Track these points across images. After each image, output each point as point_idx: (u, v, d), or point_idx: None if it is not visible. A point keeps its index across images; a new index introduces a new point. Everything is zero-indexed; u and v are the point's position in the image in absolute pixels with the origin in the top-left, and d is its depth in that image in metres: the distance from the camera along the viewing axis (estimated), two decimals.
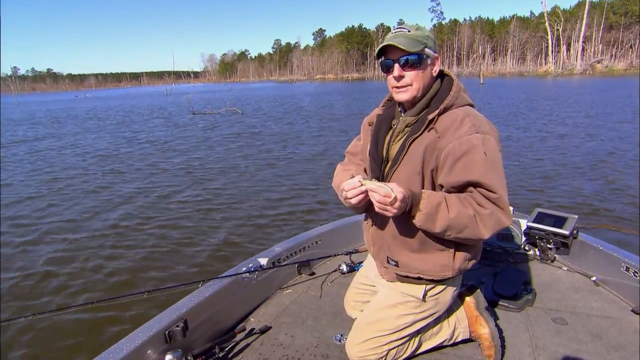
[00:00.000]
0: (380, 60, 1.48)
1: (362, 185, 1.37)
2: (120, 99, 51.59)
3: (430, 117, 1.41)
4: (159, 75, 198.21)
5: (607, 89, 29.08)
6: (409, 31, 1.41)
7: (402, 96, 1.47)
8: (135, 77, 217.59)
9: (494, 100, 22.16)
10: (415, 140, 1.43)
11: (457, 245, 1.51)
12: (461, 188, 1.38)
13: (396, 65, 1.43)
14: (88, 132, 16.95)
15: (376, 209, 1.35)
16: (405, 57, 1.40)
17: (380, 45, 1.43)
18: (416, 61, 1.41)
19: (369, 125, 1.68)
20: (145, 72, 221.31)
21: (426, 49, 1.42)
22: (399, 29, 1.44)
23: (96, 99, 59.38)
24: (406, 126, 1.50)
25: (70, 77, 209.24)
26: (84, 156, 11.07)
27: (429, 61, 1.44)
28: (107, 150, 11.93)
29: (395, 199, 1.29)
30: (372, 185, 1.33)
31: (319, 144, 11.29)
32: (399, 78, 1.44)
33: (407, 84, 1.44)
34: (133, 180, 8.05)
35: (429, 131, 1.41)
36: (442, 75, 1.54)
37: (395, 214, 1.33)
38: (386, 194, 1.29)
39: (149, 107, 32.07)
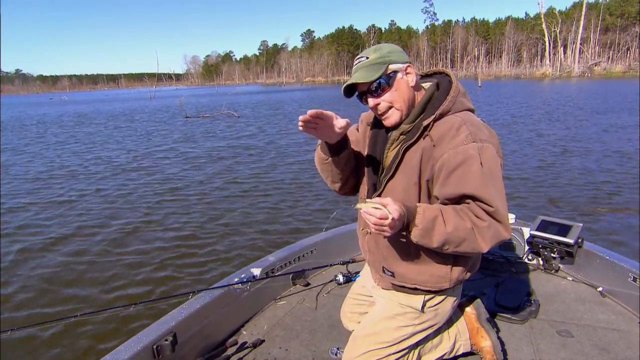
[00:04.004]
0: (354, 96, 1.52)
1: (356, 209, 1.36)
2: (105, 103, 50.54)
3: (425, 123, 1.42)
4: (139, 78, 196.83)
5: (618, 92, 29.15)
6: (368, 57, 1.44)
7: (391, 120, 1.49)
8: (113, 79, 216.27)
9: (502, 106, 21.98)
10: (411, 148, 1.45)
11: (455, 256, 1.52)
12: (456, 200, 1.40)
13: (367, 98, 1.47)
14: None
15: (372, 230, 1.35)
16: (372, 86, 1.43)
17: (344, 86, 1.47)
18: (384, 84, 1.43)
19: (367, 125, 1.69)
20: (124, 74, 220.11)
21: (390, 66, 1.43)
22: (358, 60, 1.48)
23: (77, 102, 58.30)
24: (401, 134, 1.52)
25: (42, 78, 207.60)
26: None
27: (399, 75, 1.45)
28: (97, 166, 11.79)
29: (393, 219, 1.29)
30: (368, 207, 1.31)
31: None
32: (376, 107, 1.48)
33: (388, 107, 1.47)
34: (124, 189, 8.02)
35: (424, 138, 1.43)
36: (441, 75, 1.56)
37: (392, 233, 1.34)
38: (382, 216, 1.28)
39: (142, 110, 32.03)
